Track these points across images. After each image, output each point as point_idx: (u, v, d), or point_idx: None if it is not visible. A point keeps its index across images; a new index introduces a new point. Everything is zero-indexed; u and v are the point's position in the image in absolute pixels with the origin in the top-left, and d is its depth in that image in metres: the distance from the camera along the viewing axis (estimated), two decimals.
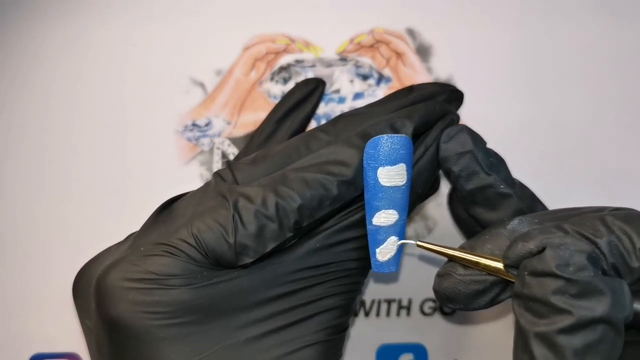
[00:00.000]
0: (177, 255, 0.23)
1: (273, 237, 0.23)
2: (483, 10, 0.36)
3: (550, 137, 0.36)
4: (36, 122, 0.35)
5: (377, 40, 0.36)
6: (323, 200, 0.24)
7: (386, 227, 0.25)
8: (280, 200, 0.23)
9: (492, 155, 0.26)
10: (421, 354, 0.35)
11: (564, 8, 0.36)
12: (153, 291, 0.23)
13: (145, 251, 0.24)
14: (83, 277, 0.25)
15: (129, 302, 0.23)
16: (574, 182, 0.36)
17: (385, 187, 0.24)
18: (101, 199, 0.35)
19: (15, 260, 0.35)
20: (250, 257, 0.23)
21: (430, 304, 0.36)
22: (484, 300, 0.24)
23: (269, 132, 0.32)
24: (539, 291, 0.20)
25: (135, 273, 0.23)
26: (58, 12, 0.35)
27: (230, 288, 0.24)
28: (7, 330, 0.35)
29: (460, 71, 0.36)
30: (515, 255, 0.22)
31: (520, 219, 0.24)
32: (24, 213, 0.35)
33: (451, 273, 0.24)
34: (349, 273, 0.26)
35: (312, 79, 0.34)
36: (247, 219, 0.23)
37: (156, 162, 0.35)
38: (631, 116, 0.36)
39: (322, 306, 0.25)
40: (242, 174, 0.26)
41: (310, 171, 0.24)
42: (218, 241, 0.23)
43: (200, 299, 0.23)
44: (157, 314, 0.23)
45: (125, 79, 0.35)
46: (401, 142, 0.24)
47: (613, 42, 0.36)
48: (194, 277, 0.23)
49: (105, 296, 0.23)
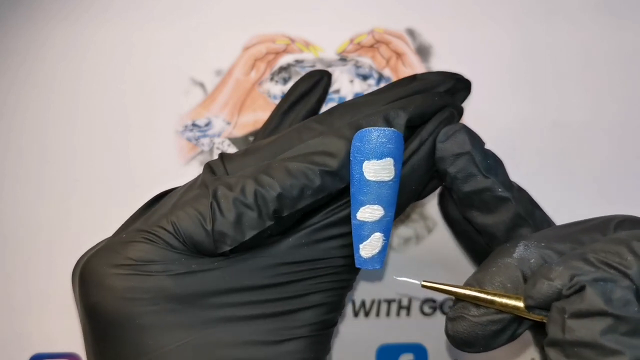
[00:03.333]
0: (155, 242, 0.23)
1: (252, 225, 0.23)
2: (483, 10, 0.36)
3: (550, 136, 0.36)
4: (37, 122, 0.35)
5: (377, 40, 0.36)
6: (304, 190, 0.23)
7: (370, 222, 0.24)
8: (260, 188, 0.23)
9: (490, 157, 0.26)
10: (421, 354, 0.35)
11: (564, 8, 0.36)
12: (131, 277, 0.23)
13: (126, 238, 0.24)
14: (75, 267, 0.26)
15: (108, 288, 0.23)
16: (573, 181, 0.36)
17: (370, 181, 0.24)
18: (101, 198, 0.35)
19: (15, 260, 0.35)
20: (228, 245, 0.23)
21: (431, 303, 0.36)
22: (503, 338, 0.23)
23: (273, 126, 0.32)
24: (586, 334, 0.19)
25: (114, 259, 0.23)
26: (59, 12, 0.35)
27: (210, 276, 0.24)
28: (7, 330, 0.35)
29: (460, 71, 0.36)
30: (542, 296, 0.20)
31: (526, 244, 0.23)
32: (24, 213, 0.35)
33: (464, 315, 0.23)
34: (337, 270, 0.25)
35: (317, 71, 0.33)
36: (226, 206, 0.23)
37: (156, 162, 0.35)
38: (631, 116, 0.36)
39: (308, 302, 0.25)
40: (232, 165, 0.25)
41: (295, 160, 0.24)
42: (196, 228, 0.23)
43: (180, 286, 0.23)
44: (136, 300, 0.23)
45: (126, 79, 0.35)
46: (389, 135, 0.23)
47: (613, 42, 0.36)
48: (172, 264, 0.23)
49: (86, 282, 0.24)
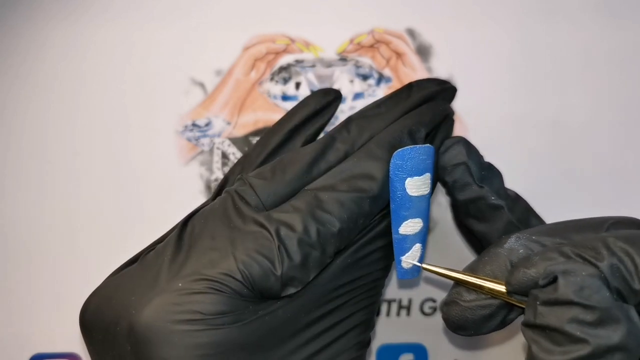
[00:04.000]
0: (223, 292, 0.22)
1: (316, 265, 0.23)
2: (483, 10, 0.36)
3: (550, 136, 0.36)
4: (37, 122, 0.35)
5: (377, 40, 0.36)
6: (358, 219, 0.24)
7: (412, 235, 0.25)
8: (321, 227, 0.23)
9: (485, 169, 0.27)
10: (421, 354, 0.35)
11: (564, 8, 0.36)
12: (202, 332, 0.21)
13: (186, 288, 0.22)
14: (102, 312, 0.23)
15: (177, 346, 0.21)
16: (573, 181, 0.36)
17: (413, 197, 0.25)
18: (101, 199, 0.35)
19: (16, 260, 0.35)
20: (295, 287, 0.23)
21: (430, 303, 0.36)
22: (493, 324, 0.24)
23: (280, 141, 0.30)
24: (554, 320, 0.20)
25: (179, 314, 0.21)
26: (59, 12, 0.35)
27: (274, 319, 0.23)
28: (7, 330, 0.35)
29: (460, 71, 0.36)
30: (518, 282, 0.22)
31: (517, 237, 0.24)
32: (25, 213, 0.35)
33: (457, 300, 0.24)
34: (376, 284, 0.26)
35: (331, 90, 0.31)
36: (292, 249, 0.22)
37: (156, 162, 0.35)
38: (631, 116, 0.36)
39: (354, 321, 0.25)
40: (263, 192, 0.24)
41: (341, 190, 0.24)
42: (265, 275, 0.22)
43: (249, 335, 0.22)
44: (208, 356, 0.21)
45: (126, 79, 0.35)
46: (427, 152, 0.25)
47: (613, 42, 0.36)
48: (242, 312, 0.22)
49: (147, 340, 0.21)
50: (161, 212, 0.35)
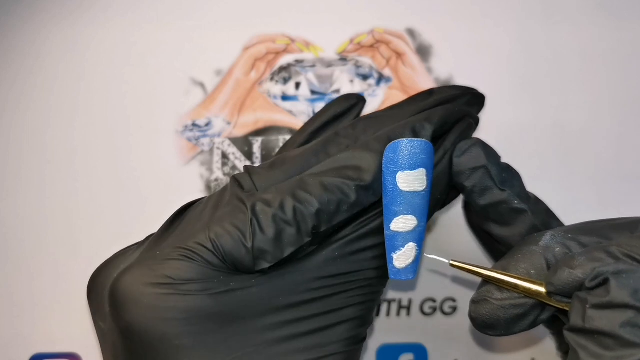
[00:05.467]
0: (194, 260, 0.23)
1: (291, 241, 0.23)
2: (483, 10, 0.36)
3: (550, 136, 0.36)
4: (36, 122, 0.35)
5: (377, 40, 0.36)
6: (341, 205, 0.23)
7: (404, 233, 0.24)
8: (299, 205, 0.23)
9: (505, 170, 0.26)
10: (421, 354, 0.35)
11: (564, 9, 0.36)
12: (170, 296, 0.22)
13: (162, 255, 0.23)
14: (98, 279, 0.25)
15: (144, 308, 0.22)
16: (573, 181, 0.36)
17: (404, 192, 0.24)
18: (102, 199, 0.35)
19: (16, 260, 0.35)
20: (268, 261, 0.23)
21: (430, 303, 0.36)
22: (525, 323, 0.23)
23: (301, 143, 0.31)
24: (606, 324, 0.19)
25: (151, 277, 0.23)
26: (59, 12, 0.35)
27: (248, 295, 0.23)
28: (8, 330, 0.35)
29: (460, 71, 0.36)
30: (562, 284, 0.21)
31: (553, 234, 0.23)
32: (24, 213, 0.35)
33: (488, 299, 0.23)
34: (369, 282, 0.25)
35: (353, 95, 0.31)
36: (265, 223, 0.23)
37: (156, 162, 0.35)
38: (631, 116, 0.36)
39: (342, 316, 0.25)
40: (260, 179, 0.25)
41: (328, 175, 0.24)
42: (236, 245, 0.23)
43: (218, 305, 0.23)
44: (174, 320, 0.22)
45: (126, 79, 0.35)
46: (422, 146, 0.24)
47: (612, 43, 0.36)
48: (211, 282, 0.23)
49: (120, 300, 0.23)
50: (161, 212, 0.35)
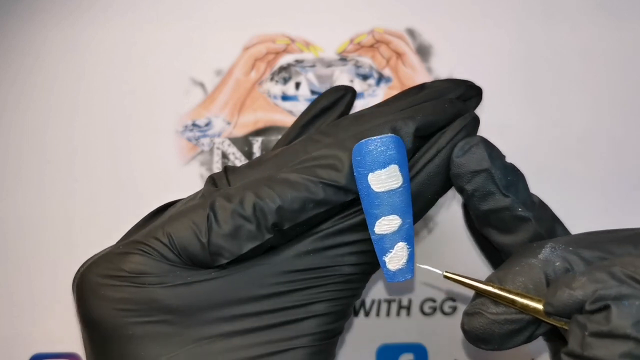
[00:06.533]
0: (149, 254, 0.23)
1: (249, 238, 0.23)
2: (483, 10, 0.36)
3: (550, 136, 0.36)
4: (36, 122, 0.35)
5: (377, 40, 0.36)
6: (306, 203, 0.23)
7: (390, 234, 0.23)
8: (259, 201, 0.23)
9: (510, 173, 0.24)
10: (421, 354, 0.35)
11: (564, 9, 0.36)
12: (124, 288, 0.23)
13: (122, 249, 0.24)
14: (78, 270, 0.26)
15: (100, 298, 0.23)
16: (573, 182, 0.36)
17: (379, 193, 0.23)
18: (102, 199, 0.35)
19: (16, 260, 0.35)
20: (225, 257, 0.23)
21: (430, 303, 0.36)
22: (520, 339, 0.22)
23: (291, 139, 0.30)
24: (605, 354, 0.18)
25: (109, 270, 0.23)
26: (59, 12, 0.35)
27: (206, 288, 0.23)
28: (8, 330, 0.35)
29: (460, 71, 0.36)
30: (561, 304, 0.20)
31: (553, 246, 0.22)
32: (25, 213, 0.35)
33: (482, 312, 0.22)
34: (346, 279, 0.24)
35: (342, 86, 0.31)
36: (223, 218, 0.23)
37: (156, 162, 0.35)
38: (631, 116, 0.36)
39: (312, 311, 0.24)
40: (236, 178, 0.25)
41: (296, 172, 0.23)
42: (191, 240, 0.23)
43: (173, 298, 0.23)
44: (128, 311, 0.23)
45: (126, 79, 0.35)
46: (387, 142, 0.22)
47: (612, 43, 0.36)
48: (167, 276, 0.23)
49: (82, 292, 0.24)
50: None
